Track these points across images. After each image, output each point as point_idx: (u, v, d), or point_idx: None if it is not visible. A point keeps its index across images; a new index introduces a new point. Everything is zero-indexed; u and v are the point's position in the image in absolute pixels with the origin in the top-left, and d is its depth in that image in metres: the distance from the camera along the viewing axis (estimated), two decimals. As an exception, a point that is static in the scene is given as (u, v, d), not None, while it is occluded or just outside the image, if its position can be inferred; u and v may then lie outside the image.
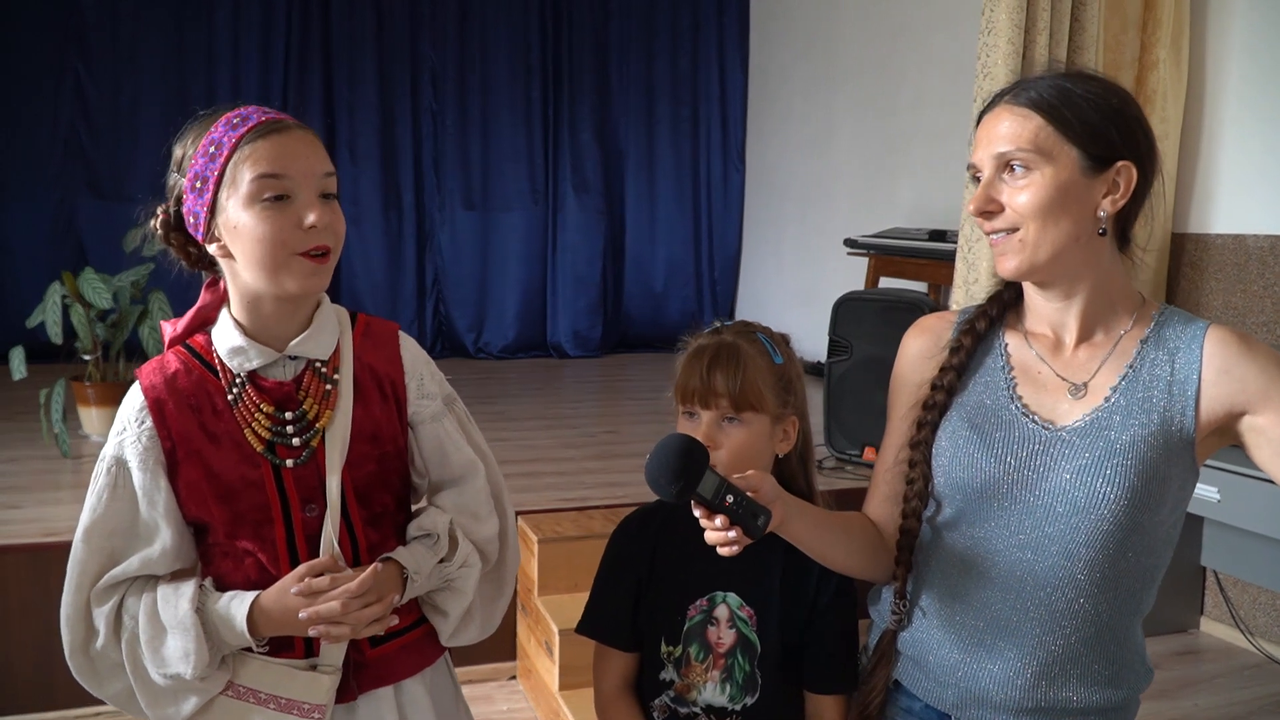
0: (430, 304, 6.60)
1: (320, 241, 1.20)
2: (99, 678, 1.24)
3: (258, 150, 1.18)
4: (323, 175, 1.21)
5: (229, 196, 1.19)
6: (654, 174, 7.03)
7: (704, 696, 1.37)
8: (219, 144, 1.19)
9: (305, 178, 1.19)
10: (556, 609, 2.86)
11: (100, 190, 5.88)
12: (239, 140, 1.18)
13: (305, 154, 1.20)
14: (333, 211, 1.22)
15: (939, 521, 1.28)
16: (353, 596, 1.19)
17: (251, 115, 1.21)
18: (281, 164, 1.18)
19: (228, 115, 1.22)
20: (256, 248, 1.18)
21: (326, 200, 1.22)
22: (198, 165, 1.20)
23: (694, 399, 1.33)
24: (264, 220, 1.17)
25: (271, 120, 1.20)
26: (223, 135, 1.19)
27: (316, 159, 1.21)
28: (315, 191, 1.20)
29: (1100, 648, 1.22)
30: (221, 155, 1.18)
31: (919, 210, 5.01)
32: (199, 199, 1.21)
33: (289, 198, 1.18)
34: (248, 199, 1.17)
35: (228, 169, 1.18)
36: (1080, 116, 1.17)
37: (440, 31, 6.50)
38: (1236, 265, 3.43)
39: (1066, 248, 1.19)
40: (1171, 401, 1.18)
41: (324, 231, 1.19)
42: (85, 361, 3.84)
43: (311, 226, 1.18)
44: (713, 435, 1.32)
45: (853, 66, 5.71)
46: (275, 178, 1.17)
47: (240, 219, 1.18)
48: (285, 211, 1.18)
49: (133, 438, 1.23)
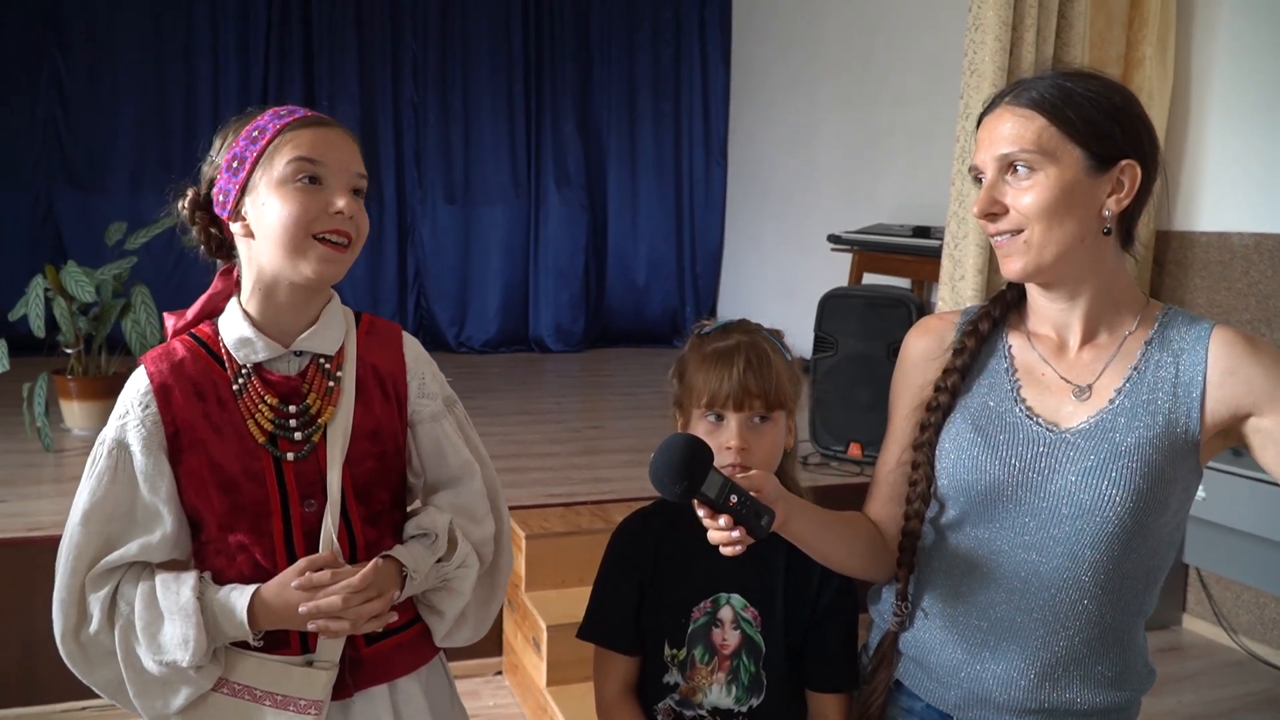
0: (412, 298, 6.56)
1: (344, 227, 1.22)
2: (89, 664, 1.23)
3: (300, 136, 1.22)
4: (356, 173, 1.25)
5: (263, 175, 1.22)
6: (636, 168, 7.01)
7: (710, 699, 1.37)
8: (263, 129, 1.24)
9: (340, 169, 1.23)
10: (544, 605, 2.85)
11: (78, 182, 5.83)
12: (283, 127, 1.23)
13: (344, 149, 1.25)
14: (359, 207, 1.24)
15: (942, 523, 1.28)
16: (354, 591, 1.19)
17: (299, 110, 1.26)
18: (320, 151, 1.22)
19: (275, 109, 1.27)
20: (280, 226, 1.20)
21: (356, 195, 1.25)
22: (238, 148, 1.24)
23: (726, 402, 1.31)
24: (293, 199, 1.21)
25: (318, 116, 1.26)
26: (268, 122, 1.24)
27: (353, 158, 1.26)
28: (347, 184, 1.24)
29: (1103, 649, 1.21)
30: (264, 139, 1.23)
31: (902, 206, 5.02)
32: (233, 177, 1.24)
33: (321, 182, 1.22)
34: (281, 179, 1.21)
35: (267, 150, 1.22)
36: (1083, 116, 1.16)
37: (422, 22, 6.45)
38: (1221, 263, 3.46)
39: (1072, 248, 1.18)
40: (1176, 403, 1.18)
41: (349, 220, 1.22)
42: (67, 355, 3.80)
43: (338, 211, 1.21)
44: (746, 437, 1.31)
45: (836, 62, 5.71)
46: (311, 162, 1.21)
47: (269, 198, 1.21)
48: (315, 194, 1.21)
49: (135, 421, 1.22)
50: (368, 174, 1.28)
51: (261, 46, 6.12)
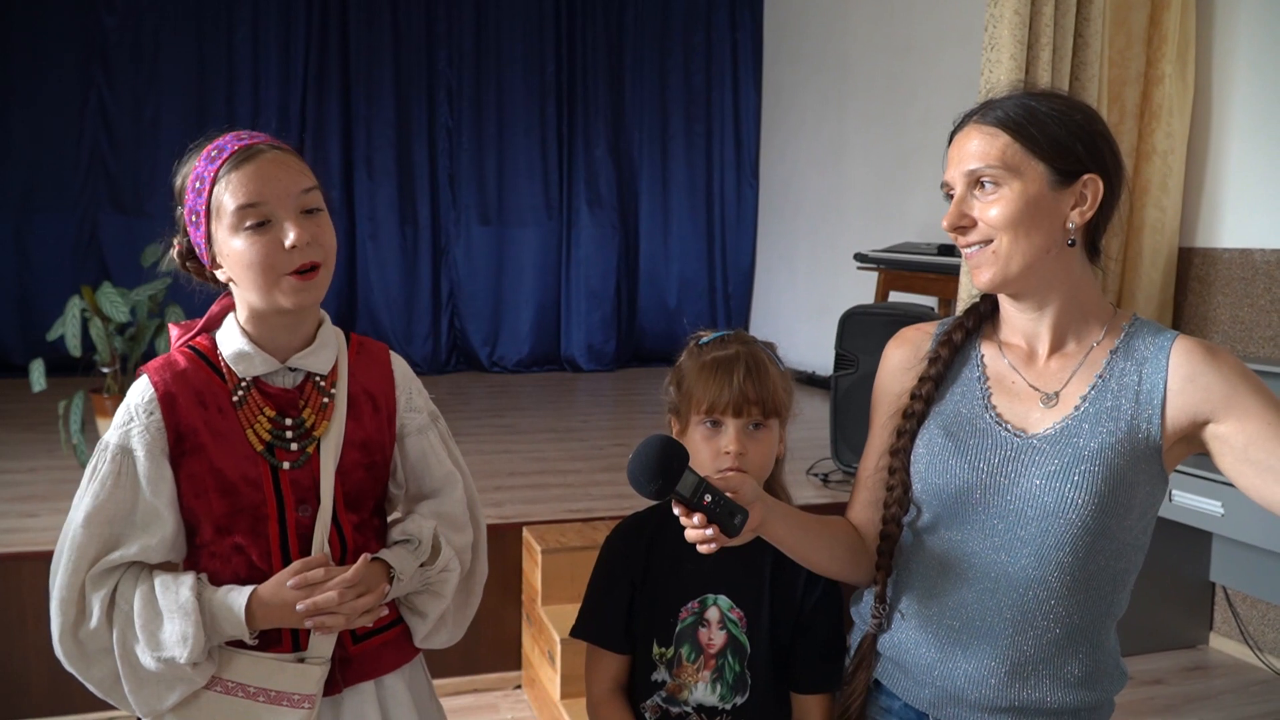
0: (445, 318, 6.65)
1: (305, 259, 1.25)
2: (86, 661, 1.27)
3: (233, 181, 1.23)
4: (300, 193, 1.26)
5: (218, 227, 1.26)
6: (668, 190, 7.09)
7: (695, 696, 1.41)
8: (201, 178, 1.26)
9: (282, 199, 1.24)
10: (559, 618, 2.89)
11: (122, 205, 5.99)
12: (217, 173, 1.24)
13: (278, 176, 1.24)
14: (316, 225, 1.27)
15: (918, 526, 1.31)
16: (348, 586, 1.25)
17: (226, 145, 1.27)
18: (257, 191, 1.23)
19: (206, 149, 1.28)
20: (248, 273, 1.24)
21: (310, 215, 1.27)
22: (189, 200, 1.28)
23: (725, 409, 1.36)
24: (250, 247, 1.23)
25: (244, 148, 1.26)
26: (203, 170, 1.26)
27: (290, 179, 1.26)
28: (294, 211, 1.25)
29: (1072, 649, 1.24)
30: (205, 189, 1.25)
31: (929, 225, 5.03)
32: (197, 231, 1.29)
33: (270, 222, 1.24)
34: (232, 228, 1.24)
35: (212, 201, 1.25)
36: (1045, 133, 1.21)
37: (457, 49, 6.58)
38: (1243, 280, 3.44)
39: (1038, 259, 1.22)
40: (1139, 410, 1.21)
41: (307, 249, 1.25)
42: (104, 374, 3.91)
43: (292, 246, 1.23)
44: (743, 442, 1.36)
45: (864, 83, 5.76)
46: (253, 206, 1.23)
47: (231, 247, 1.25)
48: (268, 235, 1.23)
49: (140, 428, 1.27)
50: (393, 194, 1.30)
51: (300, 72, 6.28)
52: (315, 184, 1.29)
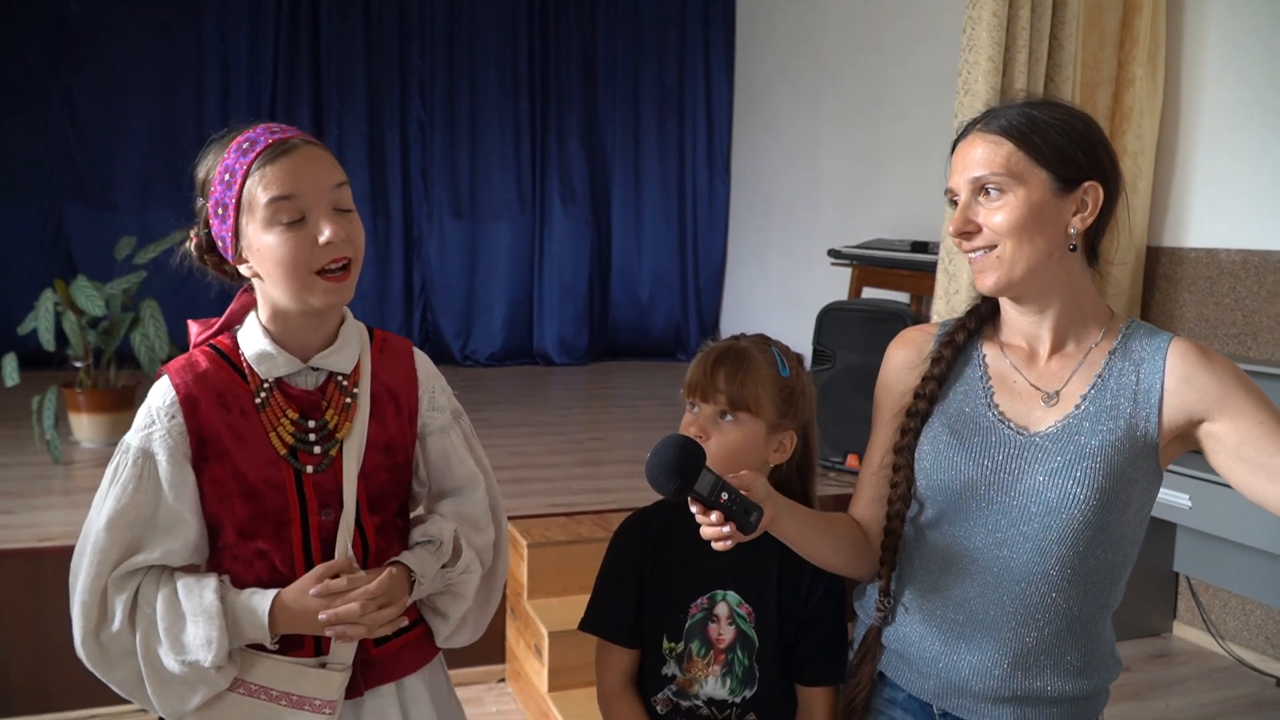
0: (418, 312, 6.64)
1: (338, 254, 1.24)
2: (109, 664, 1.26)
3: (268, 174, 1.22)
4: (333, 188, 1.25)
5: (249, 221, 1.24)
6: (640, 184, 7.11)
7: (705, 690, 1.44)
8: (232, 171, 1.24)
9: (316, 194, 1.23)
10: (546, 612, 2.91)
11: (88, 197, 5.91)
12: (250, 165, 1.23)
13: (313, 171, 1.24)
14: (349, 223, 1.26)
15: (921, 522, 1.35)
16: (370, 598, 1.24)
17: (260, 138, 1.25)
18: (292, 185, 1.22)
19: (238, 140, 1.26)
20: (279, 269, 1.23)
21: (342, 213, 1.26)
22: (217, 192, 1.25)
23: (696, 392, 1.41)
24: (283, 243, 1.22)
25: (279, 141, 1.24)
26: (234, 162, 1.24)
27: (325, 174, 1.25)
28: (328, 206, 1.24)
29: (1072, 640, 1.28)
30: (236, 182, 1.23)
31: (901, 222, 5.09)
32: (223, 224, 1.26)
33: (303, 217, 1.23)
34: (265, 223, 1.22)
35: (243, 194, 1.23)
36: (1048, 141, 1.25)
37: (429, 42, 6.55)
38: (1209, 279, 3.53)
39: (1041, 263, 1.26)
40: (1137, 409, 1.26)
41: (341, 245, 1.24)
42: (77, 369, 3.87)
43: (327, 242, 1.23)
44: (706, 427, 1.39)
45: (837, 80, 5.80)
46: (288, 199, 1.22)
47: (262, 242, 1.23)
48: (302, 231, 1.23)
49: (162, 431, 1.25)
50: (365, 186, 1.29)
51: (270, 64, 6.22)
52: (347, 180, 1.28)
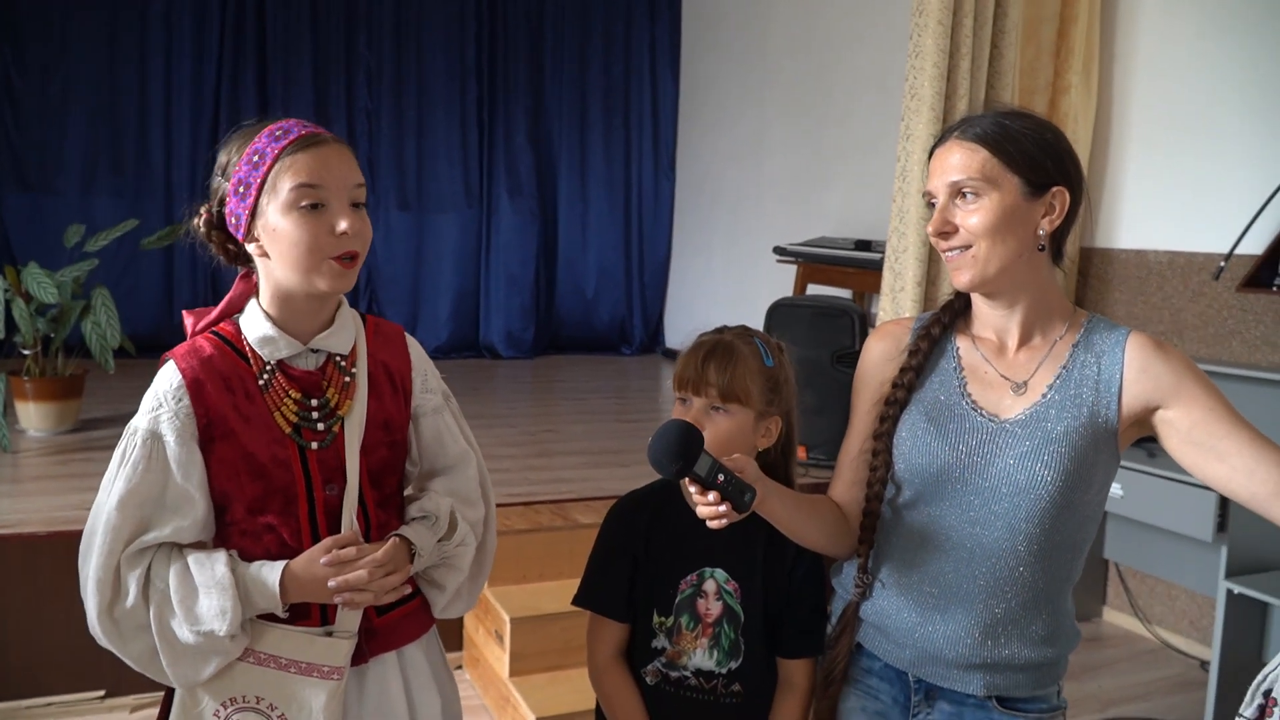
0: (363, 304, 6.60)
1: (350, 247, 1.31)
2: (123, 638, 1.30)
3: (298, 161, 1.29)
4: (354, 186, 1.33)
5: (269, 202, 1.30)
6: (586, 179, 7.17)
7: (693, 661, 1.52)
8: (262, 154, 1.31)
9: (339, 188, 1.31)
10: (506, 599, 2.97)
11: (27, 183, 5.78)
12: (281, 151, 1.30)
13: (339, 166, 1.32)
14: (362, 219, 1.33)
15: (899, 503, 1.45)
16: (378, 565, 1.32)
17: (293, 129, 1.33)
18: (318, 175, 1.30)
19: (270, 128, 1.33)
20: (293, 250, 1.30)
21: (356, 209, 1.33)
22: (241, 172, 1.32)
23: (687, 386, 1.48)
24: (300, 226, 1.29)
25: (311, 134, 1.33)
26: (266, 145, 1.31)
27: (349, 171, 1.33)
28: (347, 201, 1.32)
29: (1037, 611, 1.39)
30: (265, 164, 1.30)
31: (846, 220, 5.23)
32: (241, 202, 1.32)
33: (323, 206, 1.30)
34: (286, 205, 1.29)
35: (269, 177, 1.30)
36: (1020, 149, 1.35)
37: (377, 31, 6.53)
38: (1138, 279, 3.72)
39: (1012, 262, 1.37)
40: (1098, 397, 1.37)
41: (354, 238, 1.31)
42: (25, 356, 3.80)
43: (343, 232, 1.30)
44: (699, 419, 1.46)
45: (783, 78, 5.91)
46: (312, 187, 1.29)
47: (279, 223, 1.30)
48: (320, 218, 1.30)
49: (169, 414, 1.31)
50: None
51: (215, 49, 6.14)
52: (364, 181, 1.36)
